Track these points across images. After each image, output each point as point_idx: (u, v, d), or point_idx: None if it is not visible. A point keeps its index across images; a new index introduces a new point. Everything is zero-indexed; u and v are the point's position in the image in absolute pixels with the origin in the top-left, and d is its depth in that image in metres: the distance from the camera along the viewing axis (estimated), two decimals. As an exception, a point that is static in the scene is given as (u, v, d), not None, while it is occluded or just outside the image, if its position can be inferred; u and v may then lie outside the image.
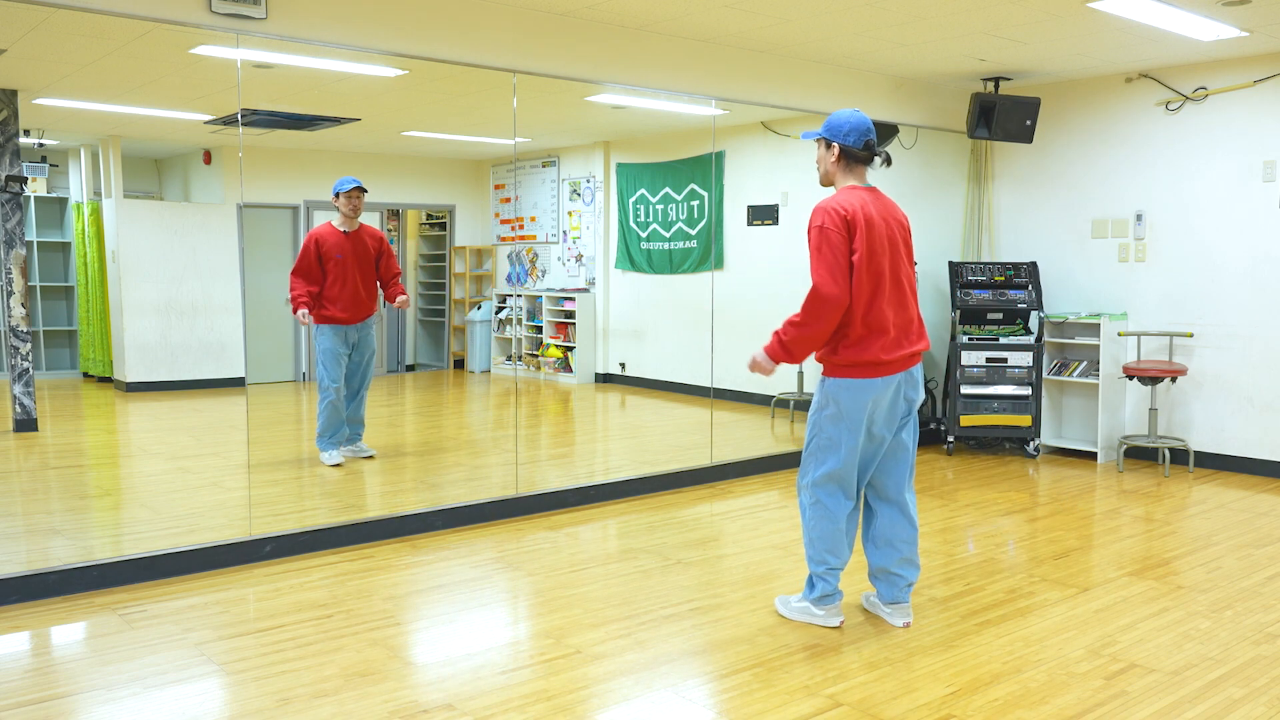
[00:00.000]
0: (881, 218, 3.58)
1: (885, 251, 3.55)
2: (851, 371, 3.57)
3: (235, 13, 4.27)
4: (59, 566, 4.09)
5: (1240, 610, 3.93)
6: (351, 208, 6.17)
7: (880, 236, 3.54)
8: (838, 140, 3.62)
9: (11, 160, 6.84)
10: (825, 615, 3.73)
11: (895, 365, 3.58)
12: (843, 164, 3.65)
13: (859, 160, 3.64)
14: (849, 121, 3.61)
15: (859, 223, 3.49)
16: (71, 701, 3.06)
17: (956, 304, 7.20)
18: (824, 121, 3.67)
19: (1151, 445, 6.65)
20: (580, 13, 5.31)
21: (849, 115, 3.63)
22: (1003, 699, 3.09)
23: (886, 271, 3.55)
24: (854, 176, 3.66)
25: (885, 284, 3.54)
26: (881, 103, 7.07)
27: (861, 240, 3.49)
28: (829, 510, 3.67)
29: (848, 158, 3.63)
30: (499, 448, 7.19)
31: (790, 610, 3.82)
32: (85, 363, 9.62)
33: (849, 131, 3.60)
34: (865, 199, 3.59)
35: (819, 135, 3.67)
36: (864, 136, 3.61)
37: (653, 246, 9.47)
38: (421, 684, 3.20)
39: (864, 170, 3.67)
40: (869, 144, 3.62)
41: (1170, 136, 6.79)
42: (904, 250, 3.66)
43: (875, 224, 3.54)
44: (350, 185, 6.15)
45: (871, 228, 3.52)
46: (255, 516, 4.84)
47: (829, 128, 3.64)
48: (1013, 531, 5.16)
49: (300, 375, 8.94)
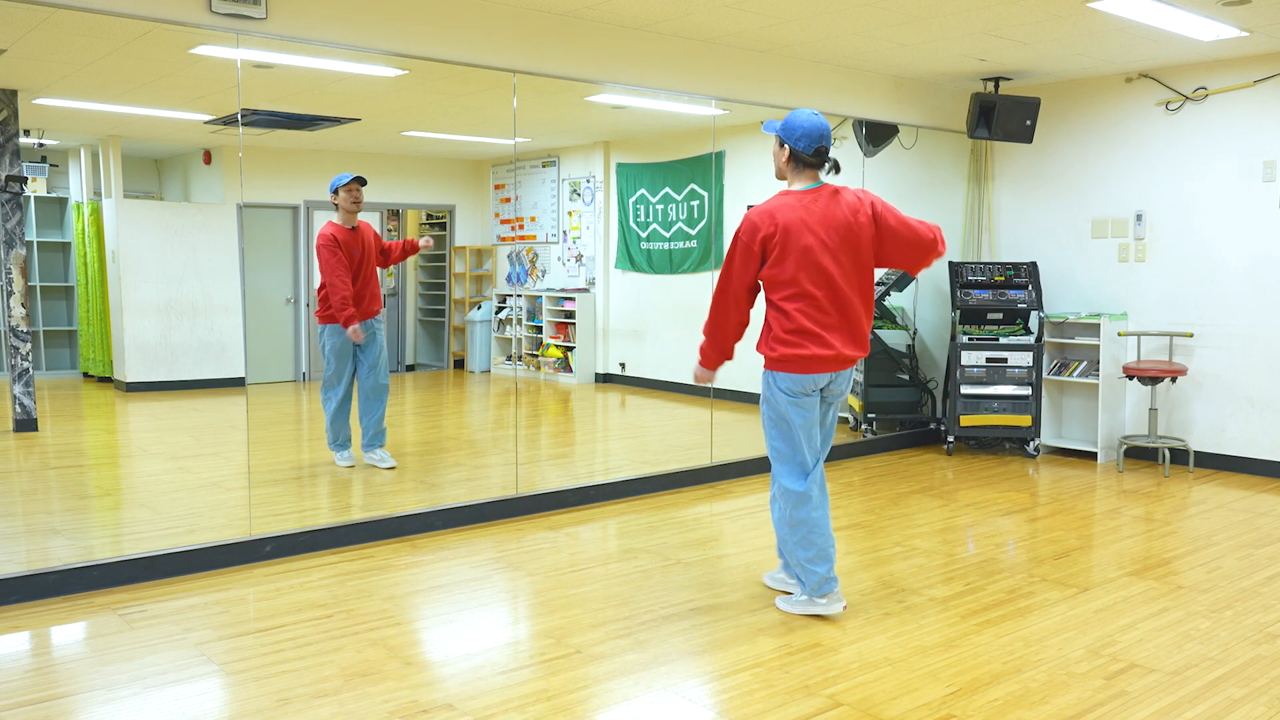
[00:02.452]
0: (820, 222, 3.61)
1: (817, 254, 3.60)
2: (782, 366, 3.70)
3: (235, 13, 4.27)
4: (59, 566, 4.09)
5: (1240, 610, 3.93)
6: (353, 200, 6.03)
7: (808, 243, 3.59)
8: (789, 142, 3.67)
9: (11, 160, 6.84)
10: (827, 603, 3.78)
11: (828, 364, 3.67)
12: (793, 165, 3.71)
13: (808, 165, 3.69)
14: (803, 126, 3.65)
15: (775, 232, 3.61)
16: (71, 701, 3.06)
17: (956, 304, 7.20)
18: (785, 116, 3.71)
19: (1151, 445, 6.65)
20: (580, 13, 5.31)
21: (805, 119, 3.66)
22: (1003, 699, 3.09)
23: (816, 273, 3.61)
24: (804, 178, 3.72)
25: (815, 285, 3.60)
26: (881, 103, 7.08)
27: (776, 247, 3.61)
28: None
29: (797, 160, 3.69)
30: (499, 448, 7.19)
31: (793, 606, 3.85)
32: (85, 363, 9.63)
33: (800, 136, 3.65)
34: (799, 204, 3.64)
35: (776, 131, 3.73)
36: (815, 143, 3.65)
37: (653, 246, 9.47)
38: (421, 684, 3.20)
39: (814, 173, 3.72)
40: (819, 150, 3.66)
41: (1170, 136, 6.79)
42: (848, 252, 3.65)
43: (799, 231, 3.59)
44: (349, 178, 6.04)
45: (790, 235, 3.59)
46: (255, 516, 4.84)
47: (784, 127, 3.69)
48: (1013, 531, 5.16)
49: (300, 375, 8.94)
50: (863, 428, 7.43)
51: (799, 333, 3.65)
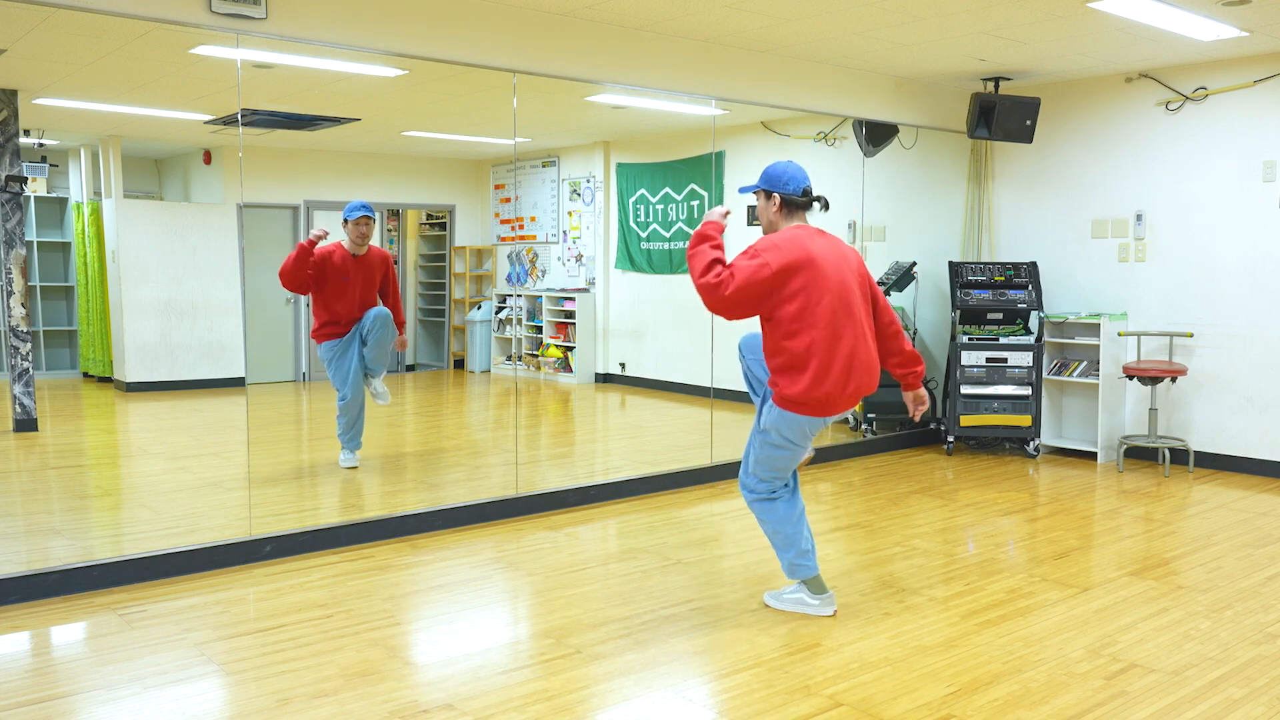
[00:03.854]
0: (828, 257, 3.60)
1: (842, 291, 3.58)
2: (794, 408, 3.61)
3: (235, 13, 4.27)
4: (59, 566, 4.09)
5: (1240, 610, 3.93)
6: (359, 235, 5.98)
7: (827, 277, 3.55)
8: (778, 190, 3.69)
9: (11, 160, 6.84)
10: (819, 604, 3.79)
11: (839, 405, 3.62)
12: (783, 212, 3.71)
13: (799, 207, 3.72)
14: (787, 172, 3.70)
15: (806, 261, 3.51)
16: (71, 701, 3.06)
17: (956, 304, 7.20)
18: (760, 175, 3.73)
19: (1151, 445, 6.65)
20: (580, 13, 5.31)
21: (785, 166, 3.72)
22: (1003, 699, 3.09)
23: (835, 311, 3.55)
24: (795, 223, 3.72)
25: (833, 324, 3.55)
26: (881, 103, 7.08)
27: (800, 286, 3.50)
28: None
29: (788, 206, 3.70)
30: (499, 448, 7.19)
31: (782, 603, 3.87)
32: (85, 363, 9.63)
33: (788, 181, 3.68)
34: (820, 237, 3.65)
35: (758, 188, 3.75)
36: (802, 184, 3.69)
37: (653, 246, 9.47)
38: (421, 684, 3.20)
39: (804, 215, 3.75)
40: (807, 190, 3.70)
41: (1170, 136, 6.79)
42: (858, 287, 3.66)
43: (819, 266, 3.55)
44: (358, 214, 5.96)
45: (815, 268, 3.53)
46: (255, 516, 4.84)
47: (768, 179, 3.71)
48: (1013, 531, 5.17)
49: (300, 375, 8.95)
50: (863, 428, 7.43)
51: (821, 372, 3.55)
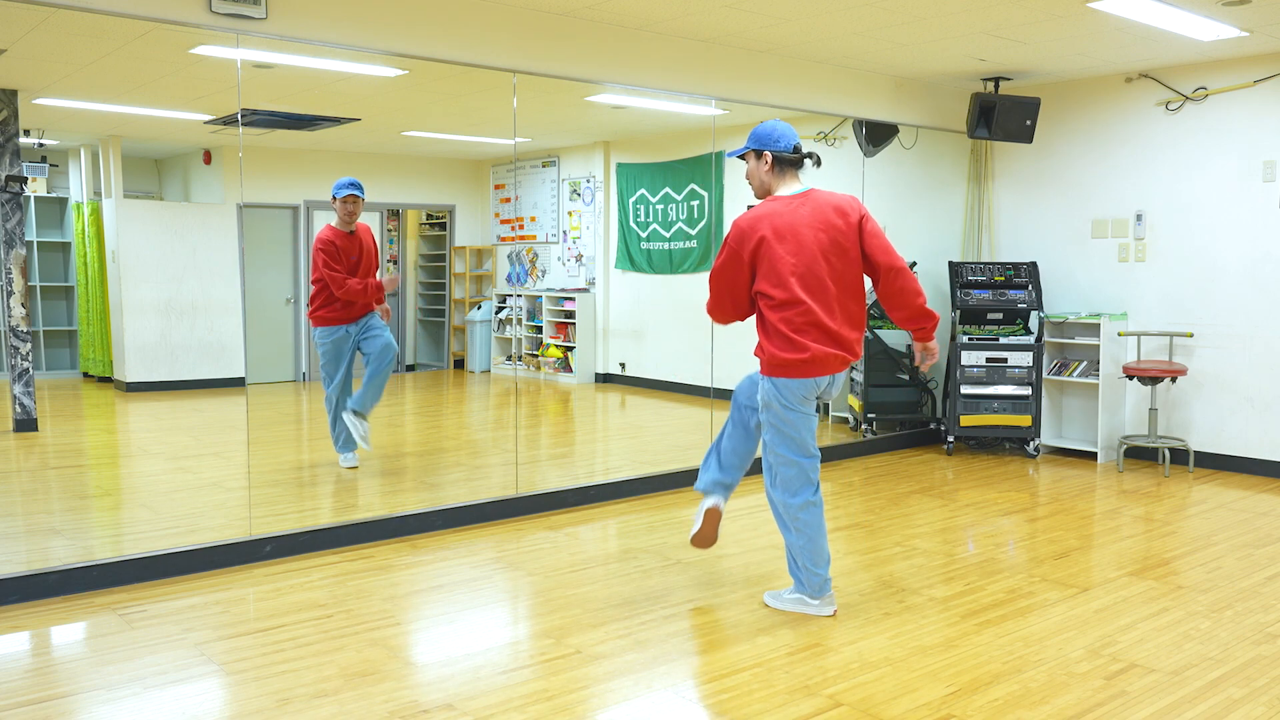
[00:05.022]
0: (809, 223, 3.62)
1: (808, 257, 3.60)
2: (779, 372, 3.67)
3: (235, 13, 4.27)
4: (59, 566, 4.09)
5: (1240, 610, 3.93)
6: (348, 214, 5.98)
7: (799, 246, 3.60)
8: (769, 148, 3.72)
9: (11, 160, 6.84)
10: (820, 604, 3.79)
11: (827, 366, 3.65)
12: (775, 171, 3.74)
13: (791, 164, 3.74)
14: (776, 129, 3.74)
15: (765, 238, 3.61)
16: (71, 701, 3.06)
17: (956, 304, 7.20)
18: (749, 135, 3.76)
19: (1151, 445, 6.65)
20: (580, 13, 5.31)
21: (774, 124, 3.76)
22: (1003, 699, 3.09)
23: (809, 276, 3.60)
24: (788, 182, 3.74)
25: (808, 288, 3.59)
26: (881, 103, 7.08)
27: (766, 254, 3.61)
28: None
29: (780, 164, 3.73)
30: (499, 448, 7.19)
31: (782, 603, 3.86)
32: (85, 363, 9.63)
33: (779, 138, 3.71)
34: (786, 209, 3.65)
35: (747, 149, 3.78)
36: (793, 141, 3.73)
37: (653, 246, 9.47)
38: (421, 684, 3.20)
39: (796, 173, 3.76)
40: (798, 147, 3.73)
41: (1170, 136, 6.79)
42: (838, 253, 3.64)
43: (789, 235, 3.60)
44: (346, 191, 5.95)
45: (781, 240, 3.60)
46: (255, 516, 4.84)
47: (758, 138, 3.74)
48: (1013, 531, 5.17)
49: (300, 375, 8.94)
50: (863, 428, 7.43)
51: (796, 335, 3.62)
